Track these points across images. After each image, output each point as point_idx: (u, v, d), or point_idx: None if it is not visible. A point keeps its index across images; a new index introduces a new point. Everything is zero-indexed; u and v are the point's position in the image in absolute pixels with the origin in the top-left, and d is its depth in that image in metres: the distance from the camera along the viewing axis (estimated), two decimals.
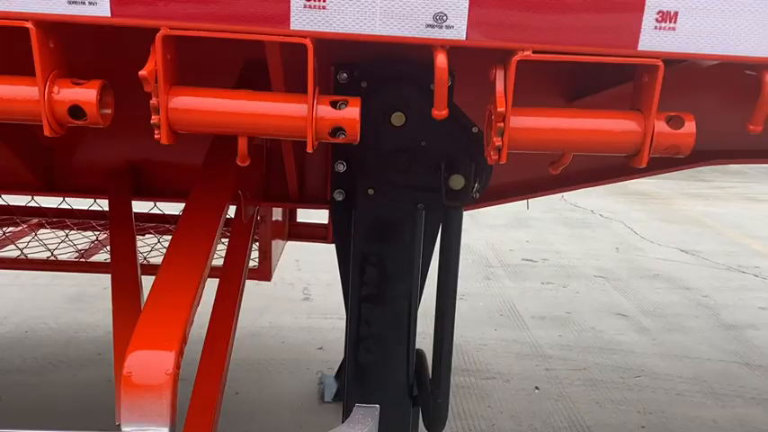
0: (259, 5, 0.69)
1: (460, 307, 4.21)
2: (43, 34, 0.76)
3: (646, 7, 0.71)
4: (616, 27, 0.73)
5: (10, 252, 2.84)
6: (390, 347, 1.48)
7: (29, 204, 2.96)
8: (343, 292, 1.58)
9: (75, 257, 2.86)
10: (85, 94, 0.77)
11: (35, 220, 3.16)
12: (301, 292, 4.37)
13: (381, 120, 1.18)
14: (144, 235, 2.98)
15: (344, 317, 1.58)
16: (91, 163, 1.52)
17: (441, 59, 0.76)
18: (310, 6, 0.70)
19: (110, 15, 0.74)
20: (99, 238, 2.97)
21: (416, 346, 1.57)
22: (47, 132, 0.78)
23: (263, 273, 2.72)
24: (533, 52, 0.75)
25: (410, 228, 1.33)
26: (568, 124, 0.81)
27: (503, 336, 3.82)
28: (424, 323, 1.57)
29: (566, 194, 7.70)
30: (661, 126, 0.77)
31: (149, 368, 0.84)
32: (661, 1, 0.70)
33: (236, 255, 1.59)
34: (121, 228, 1.45)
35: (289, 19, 0.71)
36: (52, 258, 2.83)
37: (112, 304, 1.34)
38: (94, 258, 2.86)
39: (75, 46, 0.85)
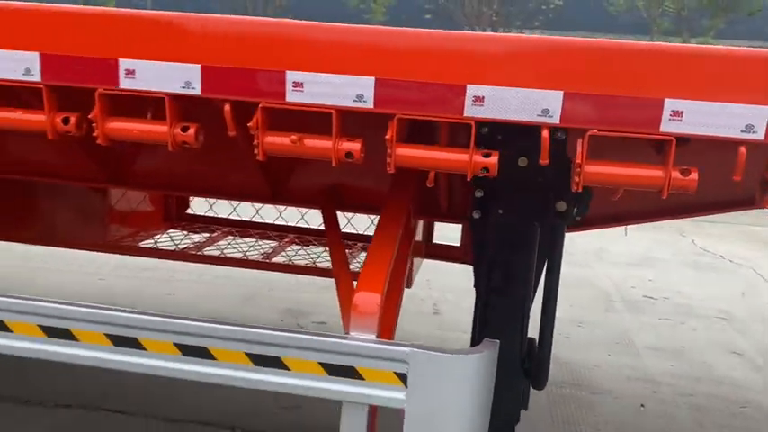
0: (449, 104, 1.29)
1: (578, 333, 4.60)
2: (340, 118, 1.37)
3: (664, 107, 1.23)
4: (645, 118, 1.25)
5: (211, 251, 3.67)
6: (509, 330, 2.00)
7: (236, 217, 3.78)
8: (475, 287, 2.12)
9: (261, 258, 3.62)
10: (354, 145, 1.39)
11: (226, 228, 4.01)
12: (431, 307, 4.93)
13: (511, 162, 1.72)
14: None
15: (469, 331, 2.08)
16: (308, 182, 2.21)
17: (545, 134, 1.32)
18: (475, 104, 1.29)
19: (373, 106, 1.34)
20: (280, 244, 3.73)
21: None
22: (334, 163, 1.39)
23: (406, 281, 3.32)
24: (598, 130, 1.29)
25: (528, 240, 1.87)
26: (614, 170, 1.34)
27: (615, 360, 4.15)
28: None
29: (696, 239, 7.73)
30: (675, 174, 1.27)
31: (366, 302, 1.46)
32: (673, 103, 1.22)
33: (400, 261, 2.21)
34: (332, 231, 2.12)
35: (463, 109, 1.30)
36: (244, 258, 3.61)
37: (335, 277, 1.98)
38: (275, 260, 3.61)
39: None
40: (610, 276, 6.22)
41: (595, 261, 6.80)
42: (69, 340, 1.52)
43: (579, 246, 7.50)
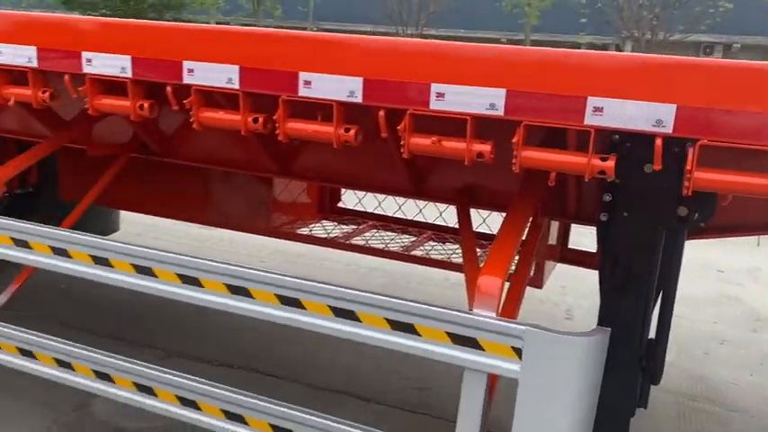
0: (571, 114, 1.48)
1: (719, 350, 4.45)
2: (475, 123, 1.62)
3: None
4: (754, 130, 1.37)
5: (357, 241, 4.03)
6: (630, 327, 2.11)
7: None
8: (600, 286, 2.25)
9: (401, 250, 3.92)
10: (485, 147, 1.64)
11: (372, 222, 4.37)
12: (564, 312, 4.99)
13: (637, 168, 1.85)
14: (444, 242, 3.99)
15: None
16: (446, 180, 2.48)
17: (658, 143, 1.47)
18: (594, 114, 1.47)
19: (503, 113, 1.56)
20: (418, 239, 4.02)
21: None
22: (467, 162, 1.63)
23: (536, 281, 3.46)
24: (708, 141, 1.41)
25: (651, 242, 1.98)
26: (720, 176, 1.46)
27: (757, 381, 3.99)
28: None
29: None
30: None
31: (489, 284, 1.68)
32: None
33: (526, 253, 2.39)
34: (466, 225, 2.37)
35: (583, 118, 1.48)
36: (386, 249, 3.94)
37: (464, 263, 2.22)
38: (413, 253, 3.90)
39: None
40: (762, 295, 5.87)
41: (748, 280, 6.43)
42: (246, 297, 1.88)
43: (731, 263, 7.10)
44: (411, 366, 3.79)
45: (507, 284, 1.90)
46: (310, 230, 4.15)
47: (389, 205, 4.13)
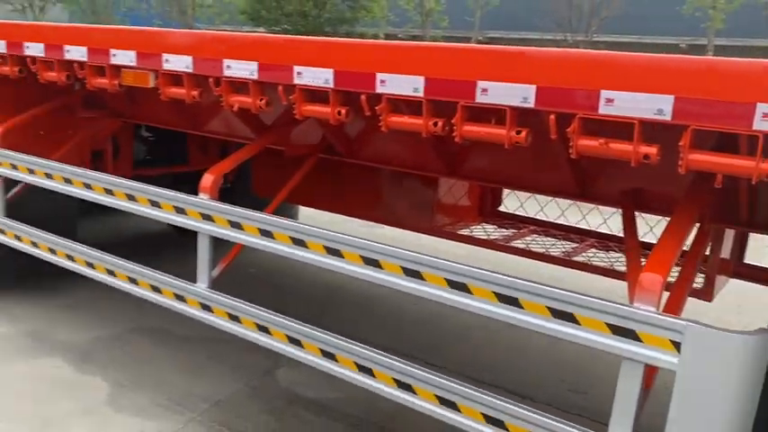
0: (739, 119, 1.54)
1: None
2: (641, 127, 1.73)
3: None
4: None
5: (517, 245, 4.15)
6: None
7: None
8: None
9: (562, 256, 3.99)
10: (652, 149, 1.73)
11: (533, 227, 4.46)
12: None
13: None
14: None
15: None
16: (612, 182, 2.56)
17: None
18: (764, 119, 1.52)
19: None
20: (580, 246, 4.06)
21: None
22: (634, 163, 1.74)
23: (706, 293, 3.37)
24: None
25: None
26: None
27: None
28: None
29: None
30: None
31: (650, 280, 1.78)
32: None
33: (691, 257, 2.41)
34: (630, 228, 2.44)
35: (752, 124, 1.54)
36: (546, 253, 4.02)
37: (627, 259, 2.31)
38: (574, 259, 3.94)
39: None
40: None
41: None
42: (464, 292, 2.09)
43: None
44: (569, 370, 3.86)
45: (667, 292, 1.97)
46: (470, 231, 4.34)
47: (551, 211, 4.21)
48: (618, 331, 1.81)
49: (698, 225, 2.35)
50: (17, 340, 3.73)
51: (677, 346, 1.72)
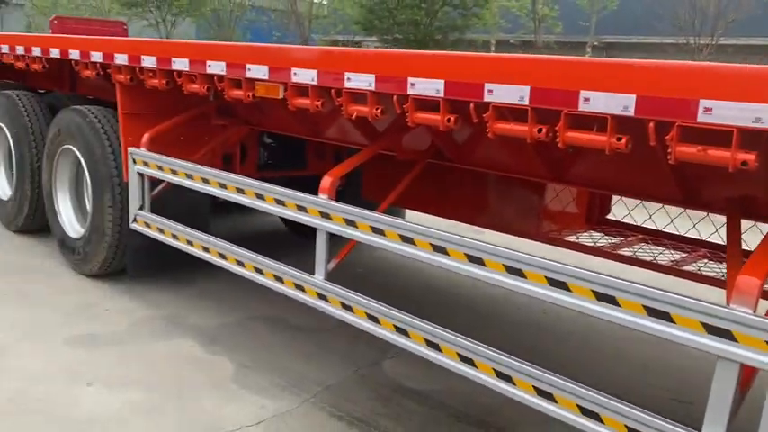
0: None
1: None
2: (739, 135, 1.78)
3: None
4: None
5: (624, 252, 4.15)
6: None
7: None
8: None
9: (671, 265, 3.95)
10: (750, 156, 1.79)
11: (641, 235, 4.42)
12: None
13: None
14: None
15: None
16: (715, 189, 2.58)
17: None
18: None
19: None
20: (690, 255, 4.00)
21: None
22: (731, 169, 1.78)
23: None
24: None
25: None
26: None
27: None
28: None
29: None
30: None
31: (747, 283, 1.83)
32: None
33: None
34: (733, 233, 2.46)
35: None
36: (654, 261, 4.00)
37: (727, 262, 2.34)
38: (685, 268, 3.89)
39: None
40: None
41: None
42: (520, 277, 2.27)
43: None
44: (673, 379, 3.82)
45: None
46: (577, 238, 4.38)
47: (660, 220, 4.17)
48: (713, 331, 1.87)
49: None
50: (156, 322, 4.20)
51: None
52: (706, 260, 3.94)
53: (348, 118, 2.88)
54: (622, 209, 4.36)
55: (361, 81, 2.71)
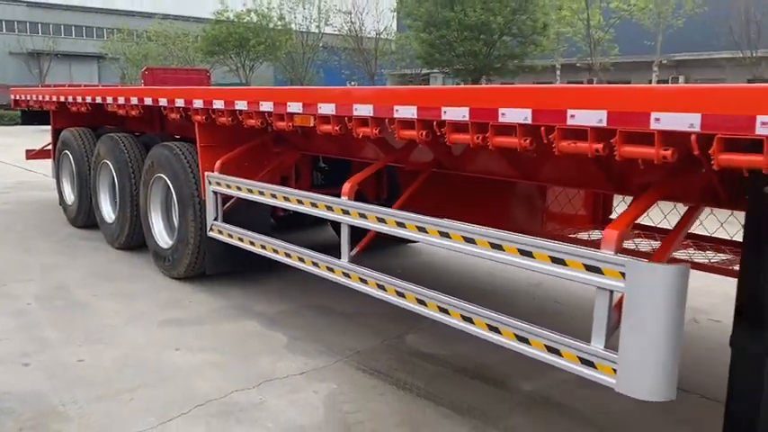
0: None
1: None
2: None
3: None
4: None
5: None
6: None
7: None
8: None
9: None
10: None
11: (636, 231, 5.08)
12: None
13: None
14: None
15: None
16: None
17: None
18: None
19: None
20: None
21: None
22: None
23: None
24: None
25: None
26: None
27: None
28: None
29: None
30: None
31: (609, 234, 2.65)
32: None
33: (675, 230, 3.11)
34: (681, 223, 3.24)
35: None
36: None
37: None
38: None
39: None
40: None
41: None
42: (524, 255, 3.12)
43: None
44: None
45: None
46: (576, 236, 5.10)
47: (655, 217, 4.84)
48: (591, 269, 2.69)
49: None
50: (229, 310, 5.27)
51: (624, 275, 2.56)
52: (692, 249, 4.55)
53: (400, 140, 3.67)
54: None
55: (406, 112, 3.41)
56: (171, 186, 5.83)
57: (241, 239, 4.96)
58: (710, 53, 24.87)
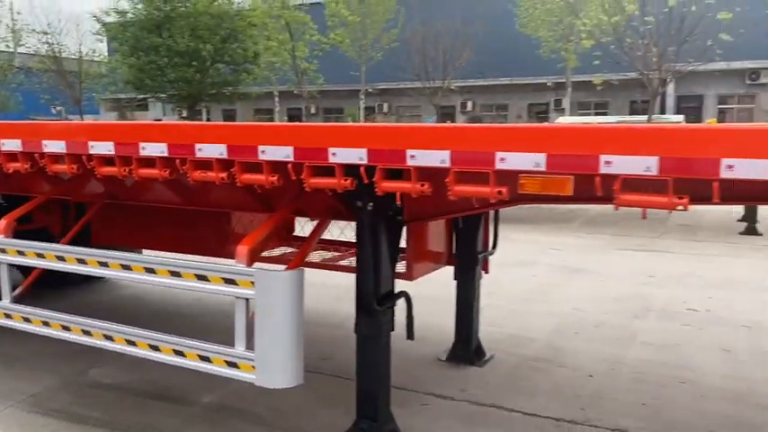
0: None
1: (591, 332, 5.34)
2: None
3: None
4: None
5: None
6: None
7: None
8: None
9: (321, 261, 5.23)
10: None
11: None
12: None
13: None
14: None
15: None
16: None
17: None
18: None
19: None
20: (346, 253, 5.33)
21: None
22: None
23: (407, 276, 4.69)
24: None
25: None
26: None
27: (602, 349, 5.01)
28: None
29: None
30: None
31: (241, 249, 3.07)
32: None
33: (308, 241, 3.71)
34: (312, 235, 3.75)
35: None
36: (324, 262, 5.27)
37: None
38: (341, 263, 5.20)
39: None
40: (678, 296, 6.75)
41: (671, 283, 7.33)
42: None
43: (666, 270, 7.97)
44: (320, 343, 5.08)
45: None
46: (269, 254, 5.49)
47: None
48: (228, 282, 3.07)
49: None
50: None
51: (254, 284, 2.99)
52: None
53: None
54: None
55: (153, 149, 3.37)
56: None
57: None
58: (405, 83, 28.15)
